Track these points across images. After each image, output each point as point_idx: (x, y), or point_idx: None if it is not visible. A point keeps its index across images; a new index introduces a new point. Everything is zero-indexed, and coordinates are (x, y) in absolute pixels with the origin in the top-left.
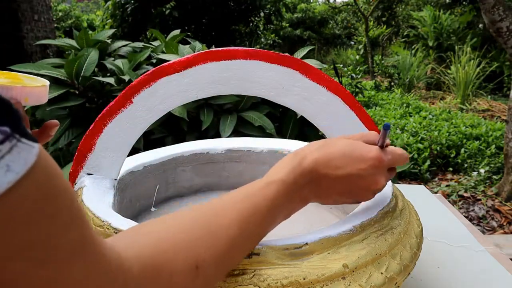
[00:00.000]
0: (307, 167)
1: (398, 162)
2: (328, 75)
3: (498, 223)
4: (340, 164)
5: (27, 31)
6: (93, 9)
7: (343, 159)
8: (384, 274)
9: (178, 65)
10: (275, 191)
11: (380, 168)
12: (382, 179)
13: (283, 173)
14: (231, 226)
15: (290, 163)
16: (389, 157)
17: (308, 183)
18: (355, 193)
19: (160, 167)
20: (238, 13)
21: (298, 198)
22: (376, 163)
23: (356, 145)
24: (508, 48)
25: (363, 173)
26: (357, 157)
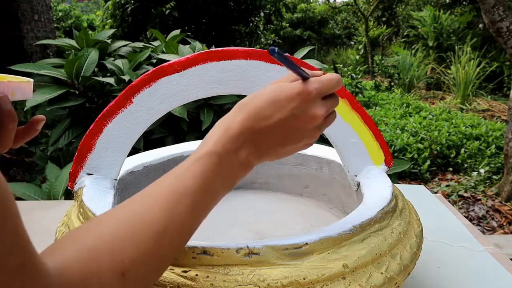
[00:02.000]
0: (236, 130)
1: (329, 87)
2: None
3: (498, 223)
4: (269, 113)
5: (27, 31)
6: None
7: (271, 107)
8: (384, 274)
9: (178, 65)
10: (204, 166)
11: (310, 101)
12: (318, 111)
13: (210, 145)
14: (156, 220)
15: (216, 132)
16: (316, 86)
17: (242, 146)
18: (298, 136)
19: (160, 167)
20: (238, 13)
21: (237, 164)
22: (304, 97)
23: (279, 88)
24: (508, 48)
25: (295, 113)
26: (283, 99)
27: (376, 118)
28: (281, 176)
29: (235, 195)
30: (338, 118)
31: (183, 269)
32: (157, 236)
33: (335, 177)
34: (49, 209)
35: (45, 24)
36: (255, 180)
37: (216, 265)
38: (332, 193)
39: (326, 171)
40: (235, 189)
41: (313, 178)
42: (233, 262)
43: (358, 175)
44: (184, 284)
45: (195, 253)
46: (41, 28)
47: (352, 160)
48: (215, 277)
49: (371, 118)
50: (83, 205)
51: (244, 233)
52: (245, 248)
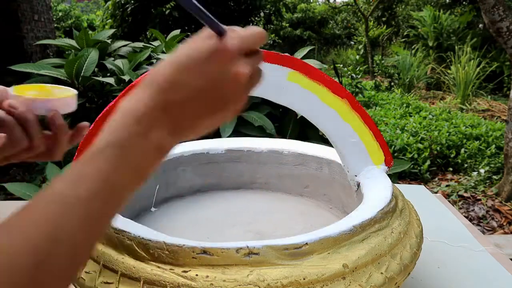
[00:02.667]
0: (143, 109)
1: (251, 42)
2: (328, 75)
3: (498, 223)
4: (183, 81)
5: (27, 31)
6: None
7: (183, 74)
8: (384, 274)
9: None
10: (103, 163)
11: (229, 60)
12: (241, 69)
13: (109, 135)
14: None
15: (118, 117)
16: (235, 42)
17: (153, 126)
18: (221, 103)
19: (160, 167)
20: (238, 13)
21: (149, 150)
22: (222, 56)
23: (191, 49)
24: (508, 48)
25: (214, 76)
26: (197, 62)
27: (376, 118)
28: (281, 176)
29: (235, 195)
30: (338, 118)
31: (183, 269)
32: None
33: (335, 177)
34: None
35: (45, 24)
36: (255, 180)
37: (216, 265)
38: (332, 193)
39: (326, 171)
40: (235, 189)
41: (313, 178)
42: (233, 262)
43: (358, 175)
44: (184, 284)
45: (195, 253)
46: (41, 28)
47: (352, 160)
48: (215, 277)
49: (371, 118)
50: None
51: (244, 233)
52: (245, 248)
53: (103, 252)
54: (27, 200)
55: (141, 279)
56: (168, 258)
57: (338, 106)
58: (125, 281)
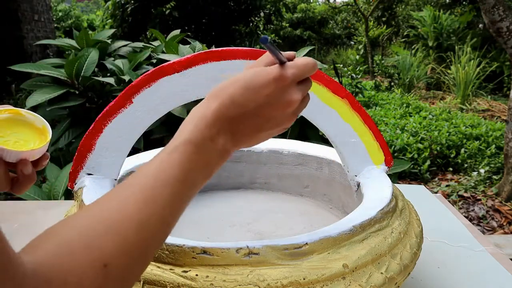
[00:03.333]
0: (211, 117)
1: (305, 71)
2: (328, 75)
3: (498, 223)
4: (245, 100)
5: (27, 31)
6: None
7: (246, 93)
8: (384, 274)
9: (178, 65)
10: (182, 156)
11: (286, 87)
12: (294, 96)
13: (186, 134)
14: (137, 211)
15: (192, 120)
16: (293, 71)
17: (218, 133)
18: (274, 122)
19: None
20: (238, 13)
21: (214, 152)
22: (280, 83)
23: (255, 73)
24: (508, 48)
25: (271, 99)
26: (259, 85)
27: (376, 118)
28: (281, 176)
29: (235, 195)
30: (338, 118)
31: (183, 269)
32: (138, 226)
33: (335, 177)
34: (49, 209)
35: (45, 24)
36: (255, 180)
37: (216, 265)
38: (332, 193)
39: (326, 171)
40: (235, 189)
41: (313, 178)
42: (233, 262)
43: (358, 175)
44: (184, 284)
45: (195, 253)
46: (41, 28)
47: (352, 160)
48: (215, 277)
49: (371, 118)
50: (83, 205)
51: (244, 233)
52: (245, 248)
53: None
54: (27, 200)
55: (141, 279)
56: (168, 258)
57: (338, 106)
58: None
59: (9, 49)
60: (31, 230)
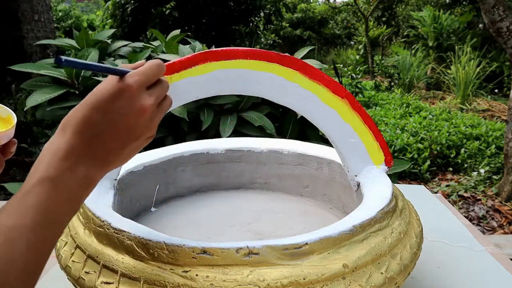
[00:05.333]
0: (66, 148)
1: (149, 75)
2: (328, 75)
3: (498, 223)
4: (97, 119)
5: (27, 31)
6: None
7: (96, 113)
8: (384, 274)
9: (178, 65)
10: (38, 197)
11: (134, 95)
12: (145, 101)
13: (40, 172)
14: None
15: (45, 156)
16: (135, 78)
17: (78, 162)
18: (134, 133)
19: (160, 167)
20: (238, 13)
21: (76, 183)
22: (126, 93)
23: (100, 91)
24: (508, 48)
25: (122, 112)
26: (106, 101)
27: (376, 118)
28: (281, 176)
29: (235, 195)
30: (338, 118)
31: (183, 269)
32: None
33: (335, 177)
34: None
35: (45, 24)
36: (255, 180)
37: (216, 265)
38: (332, 193)
39: (326, 171)
40: (235, 189)
41: (313, 178)
42: (233, 262)
43: (358, 175)
44: (184, 284)
45: (195, 253)
46: (41, 28)
47: (352, 160)
48: (215, 277)
49: (371, 118)
50: (83, 205)
51: (244, 233)
52: (245, 248)
53: (103, 252)
54: None
55: (141, 279)
56: (168, 258)
57: (338, 106)
58: (125, 281)
59: (9, 49)
60: None
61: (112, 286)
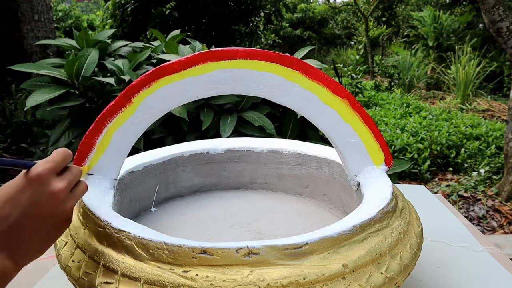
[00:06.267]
0: None
1: (58, 161)
2: (328, 75)
3: (498, 223)
4: (7, 212)
5: (27, 31)
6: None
7: (6, 206)
8: (384, 274)
9: (178, 65)
10: None
11: (43, 182)
12: (56, 186)
13: None
14: None
15: None
16: (42, 166)
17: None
18: (50, 219)
19: (160, 167)
20: (238, 13)
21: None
22: (35, 182)
23: (9, 184)
24: (508, 48)
25: (33, 200)
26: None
27: (376, 118)
28: (281, 176)
29: (235, 195)
30: (338, 118)
31: (183, 269)
32: None
33: (335, 177)
34: None
35: (45, 24)
36: (255, 180)
37: (216, 265)
38: (332, 193)
39: (326, 171)
40: (235, 189)
41: (313, 178)
42: (233, 262)
43: (358, 175)
44: (184, 284)
45: (195, 253)
46: (41, 28)
47: (352, 160)
48: (215, 277)
49: (371, 118)
50: (83, 205)
51: (244, 233)
52: (245, 248)
53: (103, 252)
54: None
55: (141, 279)
56: (168, 258)
57: (338, 106)
58: (125, 281)
59: (9, 49)
60: None
61: (112, 286)
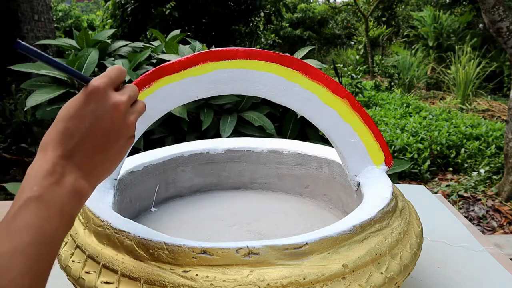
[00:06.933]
0: (49, 165)
1: (113, 77)
2: (328, 75)
3: (498, 223)
4: (73, 128)
5: (27, 31)
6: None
7: (70, 123)
8: (384, 274)
9: (178, 65)
10: (26, 217)
11: (103, 95)
12: (116, 98)
13: (26, 192)
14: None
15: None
16: (101, 80)
17: (64, 174)
18: (114, 134)
19: (160, 167)
20: (238, 13)
21: (66, 196)
22: (95, 95)
23: (68, 103)
24: (508, 48)
25: (96, 114)
26: (78, 107)
27: (376, 118)
28: (281, 176)
29: (235, 195)
30: (338, 118)
31: (183, 269)
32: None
33: (335, 177)
34: None
35: (45, 24)
36: (255, 180)
37: (216, 265)
38: (332, 193)
39: (326, 171)
40: (235, 189)
41: (313, 178)
42: (233, 262)
43: (358, 175)
44: (184, 284)
45: (195, 253)
46: (41, 28)
47: (352, 160)
48: (215, 277)
49: (371, 118)
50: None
51: (244, 233)
52: (245, 248)
53: (103, 252)
54: None
55: (141, 279)
56: (168, 258)
57: (338, 106)
58: (125, 281)
59: (9, 49)
60: None
61: (112, 286)
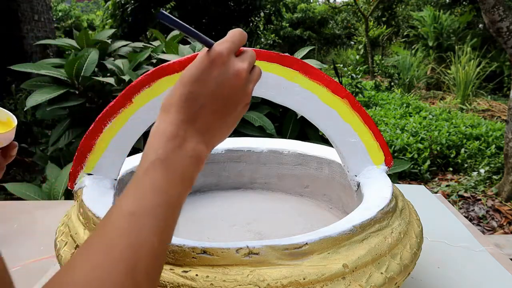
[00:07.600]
0: (172, 128)
1: (235, 42)
2: (328, 75)
3: (498, 223)
4: (196, 93)
5: (27, 31)
6: (93, 9)
7: (194, 86)
8: (384, 274)
9: (178, 65)
10: (153, 179)
11: (226, 62)
12: (239, 65)
13: (151, 155)
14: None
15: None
16: (224, 45)
17: (185, 139)
18: (233, 100)
19: None
20: (238, 13)
21: (187, 159)
22: (219, 60)
23: (193, 65)
24: (508, 48)
25: (218, 80)
26: (201, 72)
27: (376, 118)
28: (281, 176)
29: (235, 195)
30: (338, 118)
31: (183, 269)
32: (128, 272)
33: (335, 177)
34: (49, 209)
35: (45, 24)
36: (255, 180)
37: (216, 265)
38: (332, 193)
39: (326, 171)
40: (235, 189)
41: (313, 178)
42: (233, 262)
43: (358, 175)
44: (184, 284)
45: (195, 253)
46: (41, 28)
47: (352, 160)
48: (215, 277)
49: (371, 118)
50: (83, 205)
51: (244, 233)
52: (245, 248)
53: None
54: (27, 200)
55: None
56: (168, 258)
57: (338, 106)
58: None
59: (9, 49)
60: (31, 230)
61: None
